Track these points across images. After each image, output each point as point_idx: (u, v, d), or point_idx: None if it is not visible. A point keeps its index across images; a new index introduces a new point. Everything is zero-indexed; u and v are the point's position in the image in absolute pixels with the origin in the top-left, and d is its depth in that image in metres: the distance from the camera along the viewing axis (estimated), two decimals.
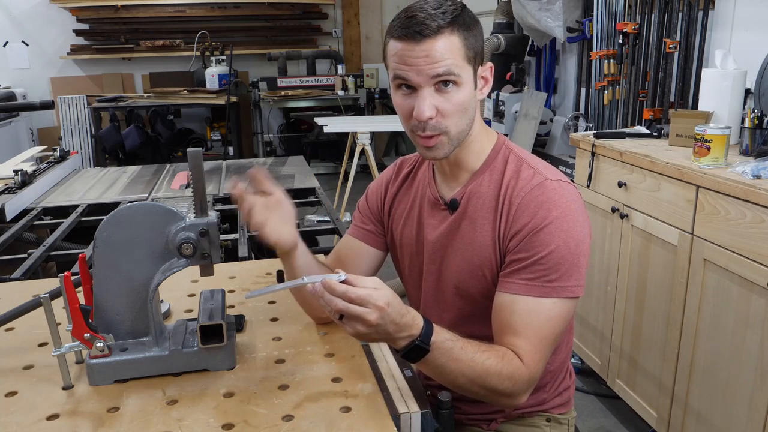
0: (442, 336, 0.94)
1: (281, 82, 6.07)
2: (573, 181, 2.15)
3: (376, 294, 0.86)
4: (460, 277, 1.11)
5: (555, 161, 3.05)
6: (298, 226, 2.00)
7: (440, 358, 0.94)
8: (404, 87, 1.02)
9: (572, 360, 2.20)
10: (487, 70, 1.08)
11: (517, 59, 3.77)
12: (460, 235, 1.11)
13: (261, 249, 2.15)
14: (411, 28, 0.98)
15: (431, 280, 1.17)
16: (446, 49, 0.98)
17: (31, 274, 1.62)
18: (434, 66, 0.98)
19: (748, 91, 2.04)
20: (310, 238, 2.07)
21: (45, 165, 2.76)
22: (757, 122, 1.82)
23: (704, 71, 2.08)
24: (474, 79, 1.04)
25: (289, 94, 5.88)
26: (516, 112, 3.47)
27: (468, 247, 1.10)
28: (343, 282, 0.87)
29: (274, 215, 1.04)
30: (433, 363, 0.94)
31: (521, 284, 1.01)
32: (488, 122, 3.62)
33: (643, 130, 2.34)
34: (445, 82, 1.00)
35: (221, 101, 5.41)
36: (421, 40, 0.97)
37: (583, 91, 3.34)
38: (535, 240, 1.01)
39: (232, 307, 1.27)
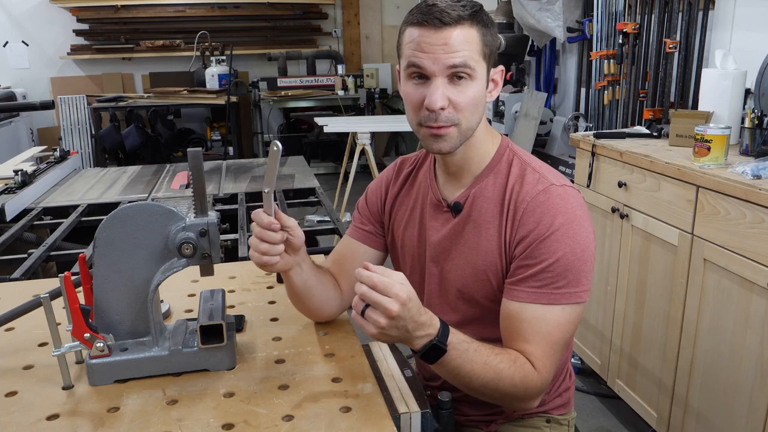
0: (457, 337, 0.94)
1: (281, 82, 6.07)
2: (573, 181, 2.15)
3: (399, 286, 0.86)
4: (464, 281, 1.11)
5: (555, 161, 3.05)
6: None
7: (456, 359, 0.94)
8: (417, 76, 1.01)
9: (572, 360, 2.20)
10: (498, 73, 1.08)
11: (517, 59, 3.77)
12: (464, 238, 1.11)
13: None
14: (432, 15, 0.97)
15: (434, 282, 1.17)
16: (464, 40, 0.98)
17: (31, 274, 1.62)
18: (451, 55, 0.98)
19: (748, 91, 2.04)
20: (310, 238, 2.07)
21: (45, 165, 2.76)
22: (757, 122, 1.82)
23: (704, 71, 2.08)
24: (486, 77, 1.04)
25: (289, 94, 5.88)
26: (516, 112, 3.47)
27: (472, 251, 1.09)
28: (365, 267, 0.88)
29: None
30: (449, 364, 0.94)
31: (529, 292, 1.01)
32: (488, 122, 3.62)
33: (643, 130, 2.34)
34: (460, 75, 0.99)
35: (221, 101, 5.41)
36: (441, 27, 0.97)
37: (583, 91, 3.34)
38: (542, 247, 1.01)
39: (232, 307, 1.27)
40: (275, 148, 0.92)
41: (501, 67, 1.09)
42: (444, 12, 0.97)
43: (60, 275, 0.93)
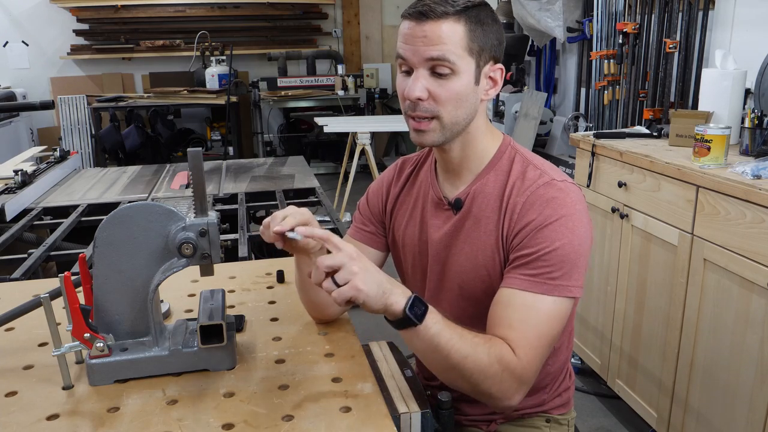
0: (431, 306, 0.95)
1: (281, 82, 6.07)
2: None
3: (339, 238, 0.93)
4: (464, 278, 1.11)
5: (555, 161, 3.05)
6: None
7: (436, 325, 0.93)
8: (404, 68, 1.04)
9: (572, 360, 2.20)
10: (497, 71, 1.08)
11: (517, 59, 3.77)
12: (464, 235, 1.11)
13: (261, 249, 2.15)
14: (416, 8, 1.00)
15: (435, 280, 1.17)
16: (446, 35, 1.00)
17: (31, 274, 1.62)
18: (429, 48, 1.00)
19: (748, 91, 2.04)
20: None
21: (45, 165, 2.76)
22: (757, 122, 1.82)
23: (704, 71, 2.08)
24: (476, 73, 1.04)
25: (289, 94, 5.88)
26: (516, 112, 3.47)
27: (472, 247, 1.09)
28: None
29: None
30: (430, 330, 0.92)
31: (523, 279, 1.00)
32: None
33: (643, 130, 2.34)
34: (440, 68, 1.01)
35: (221, 101, 5.41)
36: (424, 21, 0.99)
37: (583, 91, 3.34)
38: (541, 235, 1.01)
39: (232, 307, 1.27)
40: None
41: (500, 66, 1.08)
42: (428, 6, 0.99)
43: (60, 275, 0.93)
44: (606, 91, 2.96)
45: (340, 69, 6.20)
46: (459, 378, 0.97)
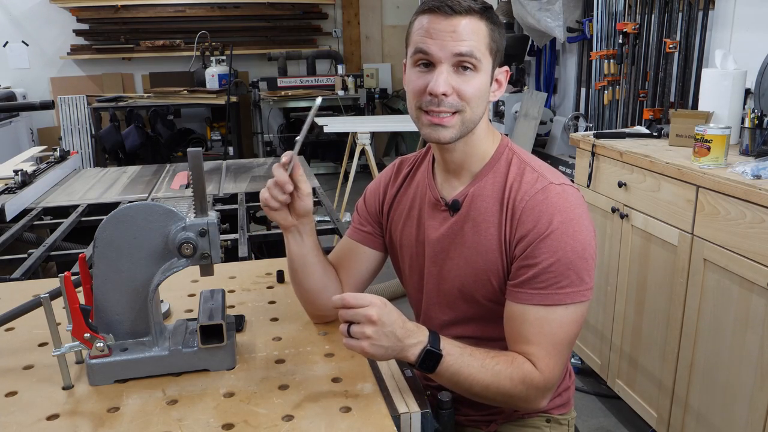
0: (450, 343, 0.96)
1: (281, 82, 6.07)
2: (573, 181, 2.15)
3: (371, 296, 0.91)
4: (464, 281, 1.11)
5: (555, 161, 3.05)
6: None
7: (453, 365, 0.95)
8: (423, 64, 1.03)
9: (572, 360, 2.20)
10: (503, 73, 1.09)
11: (517, 59, 3.77)
12: (463, 237, 1.10)
13: (261, 249, 2.15)
14: (443, 3, 1.00)
15: (432, 281, 1.17)
16: (472, 31, 1.00)
17: (31, 274, 1.62)
18: (459, 43, 0.99)
19: (748, 91, 2.04)
20: None
21: (45, 165, 2.76)
22: (757, 122, 1.82)
23: (704, 71, 2.08)
24: (491, 73, 1.05)
25: (289, 94, 5.88)
26: (516, 112, 3.47)
27: (472, 251, 1.09)
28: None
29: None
30: (447, 371, 0.95)
31: (533, 294, 1.01)
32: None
33: (643, 130, 2.34)
34: (465, 64, 1.00)
35: (221, 101, 5.41)
36: (451, 14, 0.99)
37: (583, 91, 3.34)
38: (542, 247, 1.00)
39: (232, 307, 1.27)
40: (317, 102, 0.97)
41: (506, 68, 1.09)
42: (455, 1, 0.99)
43: (60, 275, 0.93)
44: (606, 91, 2.96)
45: (340, 69, 6.20)
46: (484, 399, 1.01)
